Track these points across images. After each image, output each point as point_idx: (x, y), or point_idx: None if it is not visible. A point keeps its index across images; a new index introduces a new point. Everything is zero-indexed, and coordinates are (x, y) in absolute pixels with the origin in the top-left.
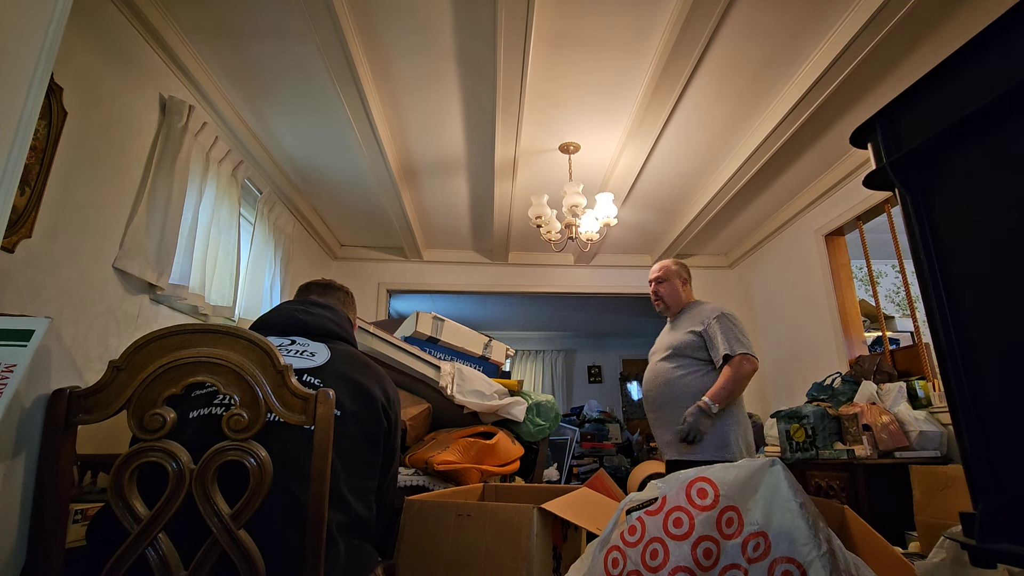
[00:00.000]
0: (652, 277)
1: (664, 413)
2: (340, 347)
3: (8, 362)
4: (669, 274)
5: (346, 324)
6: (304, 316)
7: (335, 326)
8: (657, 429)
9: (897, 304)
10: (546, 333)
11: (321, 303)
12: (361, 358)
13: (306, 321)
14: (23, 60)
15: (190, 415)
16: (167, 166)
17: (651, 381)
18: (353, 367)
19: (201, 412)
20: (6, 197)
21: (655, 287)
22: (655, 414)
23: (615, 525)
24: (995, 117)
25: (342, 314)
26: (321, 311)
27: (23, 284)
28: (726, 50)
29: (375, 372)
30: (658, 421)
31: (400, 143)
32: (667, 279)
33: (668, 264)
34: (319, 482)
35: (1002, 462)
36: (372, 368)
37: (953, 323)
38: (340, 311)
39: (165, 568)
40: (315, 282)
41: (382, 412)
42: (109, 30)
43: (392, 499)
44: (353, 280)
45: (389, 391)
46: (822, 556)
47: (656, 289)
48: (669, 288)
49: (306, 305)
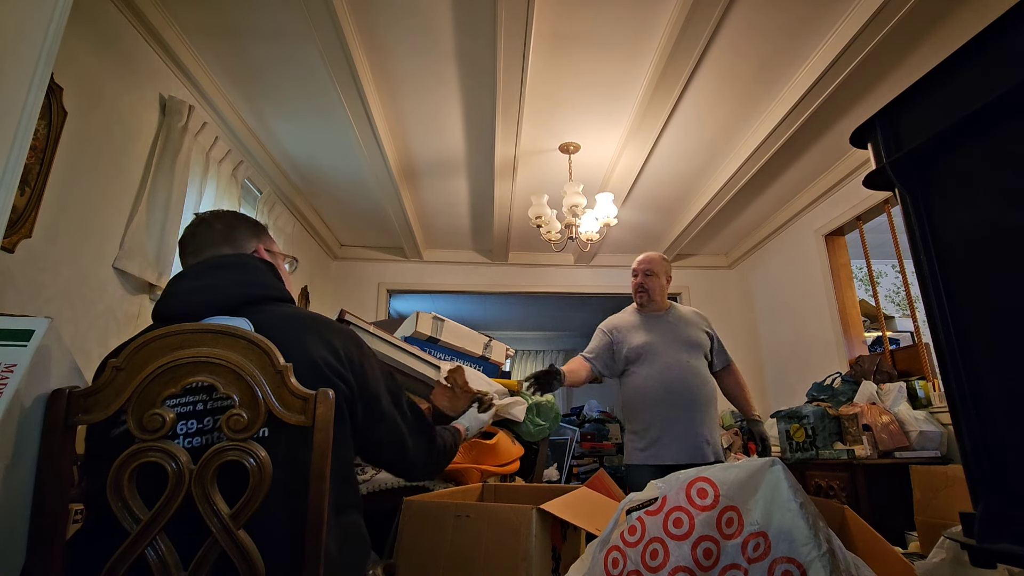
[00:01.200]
0: (641, 268)
1: (684, 400)
2: (265, 312)
3: (8, 362)
4: (658, 268)
5: (264, 276)
6: (201, 296)
7: (250, 287)
8: (669, 412)
9: (897, 304)
10: (546, 333)
11: (224, 261)
12: (293, 317)
13: (206, 301)
14: (23, 60)
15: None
16: (167, 166)
17: (680, 369)
18: (289, 334)
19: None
20: (6, 197)
21: (643, 279)
22: (675, 398)
23: (615, 525)
24: (995, 117)
25: (253, 264)
26: (225, 275)
27: (23, 284)
28: (726, 50)
29: (314, 327)
30: (674, 406)
31: (400, 143)
32: (655, 273)
33: (656, 258)
34: (319, 482)
35: (1002, 462)
36: (309, 323)
37: (953, 323)
38: (250, 261)
39: (164, 568)
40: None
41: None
42: (109, 30)
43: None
44: (353, 280)
45: (336, 343)
46: (822, 556)
47: (644, 282)
48: (657, 283)
49: (204, 273)
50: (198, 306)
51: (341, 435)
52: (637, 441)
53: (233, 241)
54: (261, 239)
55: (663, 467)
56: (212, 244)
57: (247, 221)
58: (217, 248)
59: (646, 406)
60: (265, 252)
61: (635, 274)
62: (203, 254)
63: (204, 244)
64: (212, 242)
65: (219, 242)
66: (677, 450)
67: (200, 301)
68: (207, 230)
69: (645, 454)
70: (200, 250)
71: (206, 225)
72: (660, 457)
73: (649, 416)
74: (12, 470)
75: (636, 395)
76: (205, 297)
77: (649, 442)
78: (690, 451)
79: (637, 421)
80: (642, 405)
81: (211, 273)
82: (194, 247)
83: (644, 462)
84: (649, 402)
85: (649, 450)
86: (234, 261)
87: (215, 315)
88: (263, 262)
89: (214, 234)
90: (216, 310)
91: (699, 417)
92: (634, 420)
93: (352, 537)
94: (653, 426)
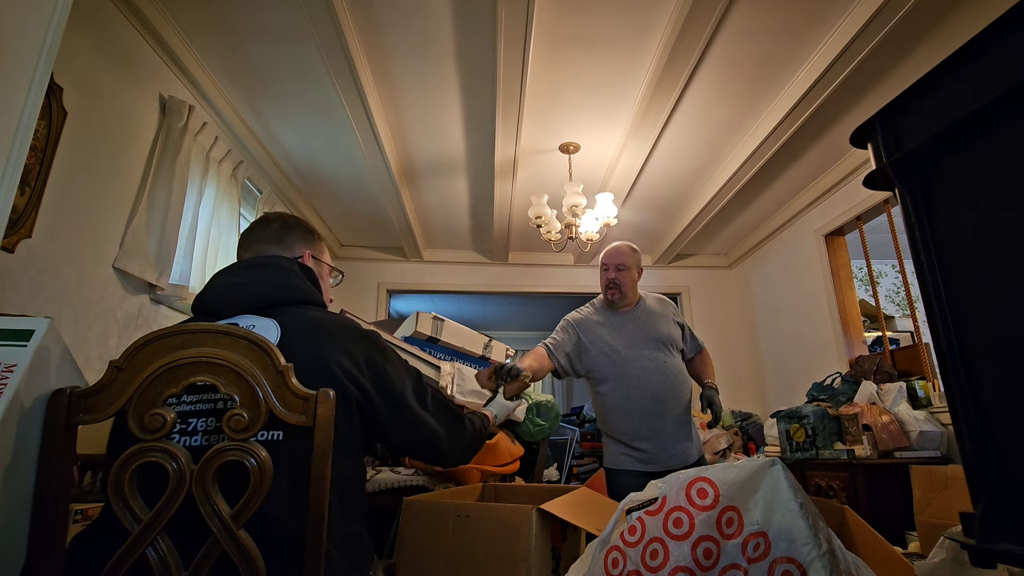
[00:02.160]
0: (612, 263)
1: (669, 405)
2: (292, 315)
3: (8, 362)
4: (630, 262)
5: (297, 279)
6: (235, 293)
7: (281, 290)
8: (656, 420)
9: (897, 304)
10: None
11: (262, 261)
12: (317, 321)
13: (239, 299)
14: (23, 60)
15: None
16: (167, 166)
17: (659, 373)
18: (310, 337)
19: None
20: (6, 197)
21: (615, 275)
22: (660, 406)
23: (615, 525)
24: (995, 117)
25: (289, 267)
26: (260, 275)
27: (23, 284)
28: (726, 50)
29: (335, 332)
30: (660, 413)
31: (400, 143)
32: (627, 267)
33: (626, 249)
34: (319, 482)
35: (1002, 462)
36: (331, 328)
37: (953, 323)
38: (287, 264)
39: (165, 568)
40: (257, 226)
41: (347, 382)
42: (109, 30)
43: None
44: (353, 280)
45: (356, 349)
46: (822, 556)
47: (616, 277)
48: (629, 278)
49: (242, 271)
50: (231, 302)
51: (349, 440)
52: (622, 448)
53: (283, 242)
54: (312, 246)
55: (652, 474)
56: (262, 241)
57: (302, 227)
58: (266, 247)
59: (631, 416)
60: (311, 259)
61: (605, 268)
62: (252, 250)
63: (255, 240)
64: (263, 239)
65: (269, 240)
66: (666, 457)
67: (233, 298)
68: (263, 228)
69: (631, 459)
70: (251, 245)
71: (264, 223)
72: (651, 464)
73: (635, 426)
74: (12, 470)
75: (618, 405)
76: (238, 294)
77: (636, 450)
78: (679, 456)
79: (620, 432)
80: (627, 415)
81: (247, 272)
82: (247, 242)
83: (630, 468)
84: (634, 412)
85: (636, 454)
86: (271, 262)
87: (246, 313)
88: (302, 267)
89: (268, 232)
90: (247, 308)
91: (684, 419)
92: (616, 430)
93: (354, 541)
94: (640, 437)
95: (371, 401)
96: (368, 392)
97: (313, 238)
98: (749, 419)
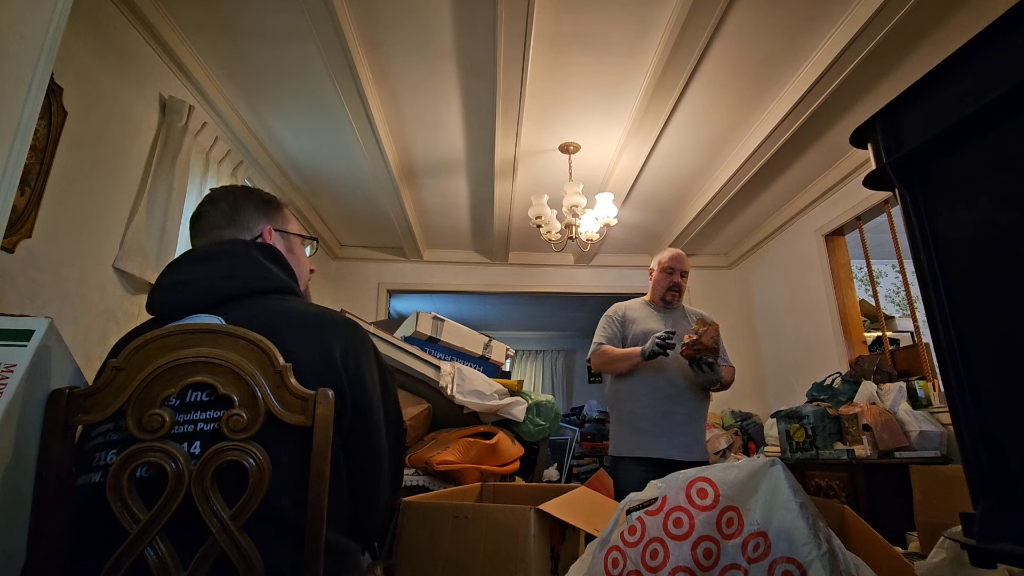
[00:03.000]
0: (680, 268)
1: (684, 395)
2: (246, 307)
3: (8, 362)
4: (689, 269)
5: (254, 266)
6: (180, 293)
7: (232, 281)
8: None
9: (897, 304)
10: (546, 333)
11: (216, 250)
12: (279, 314)
13: (184, 299)
14: (23, 60)
15: None
16: (167, 166)
17: (687, 372)
18: (262, 332)
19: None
20: (6, 197)
21: (680, 280)
22: (675, 391)
23: (615, 525)
24: (995, 117)
25: (245, 252)
26: (210, 268)
27: (23, 284)
28: (726, 50)
29: (302, 327)
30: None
31: (400, 143)
32: (687, 274)
33: (687, 258)
34: (319, 482)
35: (1002, 462)
36: (295, 323)
37: (953, 323)
38: (242, 249)
39: (164, 568)
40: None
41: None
42: (109, 30)
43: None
44: (353, 280)
45: (333, 345)
46: (822, 556)
47: (681, 282)
48: (686, 284)
49: (190, 266)
50: (174, 304)
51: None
52: (625, 431)
53: (236, 222)
54: (271, 218)
55: (651, 460)
56: (215, 226)
57: (255, 198)
58: (219, 231)
59: (640, 393)
60: (273, 234)
61: (670, 271)
62: (206, 237)
63: (208, 226)
64: (214, 224)
65: (222, 224)
66: (667, 443)
67: (176, 299)
68: (212, 210)
69: (631, 445)
70: (204, 232)
71: (212, 204)
72: (649, 449)
73: (641, 405)
74: (12, 470)
75: (631, 380)
76: (180, 295)
77: (638, 432)
78: (680, 447)
79: (626, 410)
80: (636, 392)
81: (196, 267)
82: (199, 228)
83: (631, 454)
84: (645, 389)
85: (637, 439)
86: (224, 250)
87: (191, 314)
88: (261, 247)
89: (217, 214)
90: (192, 308)
91: (693, 414)
92: (623, 408)
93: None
94: (644, 416)
95: (344, 404)
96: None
97: (271, 208)
98: (749, 419)
